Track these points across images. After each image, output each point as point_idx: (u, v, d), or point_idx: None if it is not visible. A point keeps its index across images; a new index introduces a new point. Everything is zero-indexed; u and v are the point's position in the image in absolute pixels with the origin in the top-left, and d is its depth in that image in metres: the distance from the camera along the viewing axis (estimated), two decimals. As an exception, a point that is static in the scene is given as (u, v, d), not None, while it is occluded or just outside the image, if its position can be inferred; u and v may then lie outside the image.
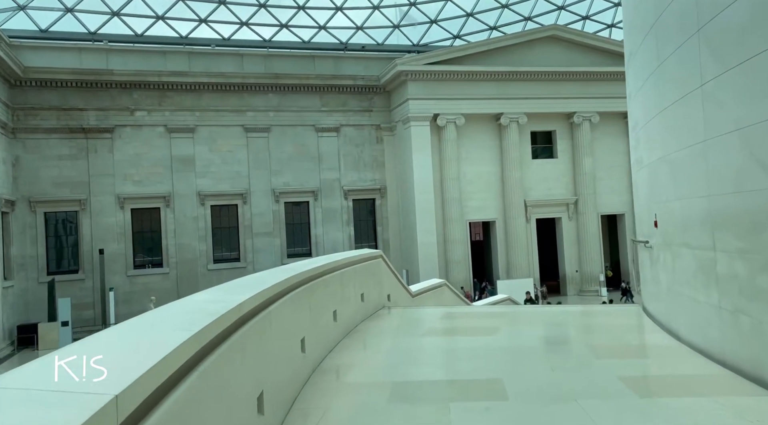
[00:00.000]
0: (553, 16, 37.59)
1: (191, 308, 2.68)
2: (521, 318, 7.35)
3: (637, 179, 7.23)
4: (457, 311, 8.40)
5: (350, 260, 7.42)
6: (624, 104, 27.96)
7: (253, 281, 4.07)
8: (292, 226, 34.30)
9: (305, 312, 5.12)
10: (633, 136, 7.34)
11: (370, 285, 8.56)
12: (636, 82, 6.73)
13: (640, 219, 7.33)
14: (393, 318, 8.05)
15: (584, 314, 7.60)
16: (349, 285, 7.41)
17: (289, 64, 34.49)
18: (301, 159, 34.18)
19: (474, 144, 33.99)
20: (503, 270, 34.13)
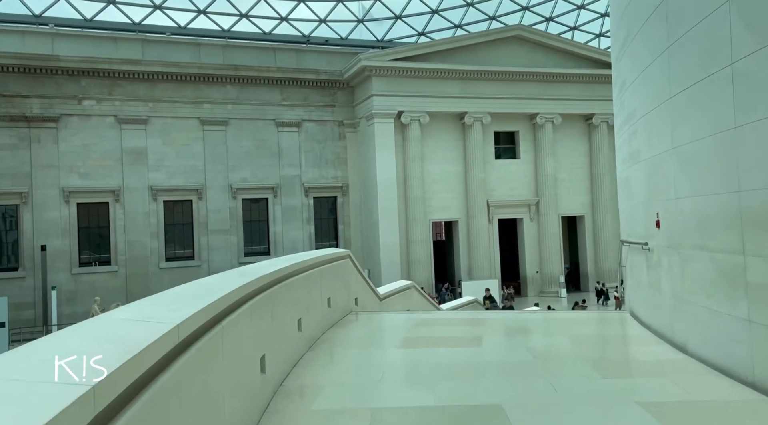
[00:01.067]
0: (518, 16, 37.57)
1: (103, 334, 1.86)
2: (503, 326, 6.71)
3: (630, 175, 6.68)
4: (432, 317, 7.71)
5: (317, 261, 6.62)
6: (586, 106, 27.99)
7: (201, 289, 3.25)
8: (250, 224, 33.10)
9: (266, 324, 4.31)
10: (626, 130, 6.79)
11: (338, 288, 7.78)
12: (633, 70, 6.17)
13: (632, 219, 6.79)
14: (362, 326, 7.30)
15: (571, 322, 7.03)
16: (316, 289, 6.62)
17: (248, 56, 33.25)
18: (260, 154, 33.02)
19: (438, 143, 33.53)
20: (465, 271, 33.80)
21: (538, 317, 7.20)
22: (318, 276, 6.75)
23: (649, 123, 5.68)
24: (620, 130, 7.33)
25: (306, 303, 6.12)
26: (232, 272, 4.63)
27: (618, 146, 7.89)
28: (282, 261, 5.61)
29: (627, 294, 7.64)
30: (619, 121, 7.36)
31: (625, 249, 7.27)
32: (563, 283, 35.11)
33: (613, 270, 36.47)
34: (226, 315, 3.08)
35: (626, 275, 7.63)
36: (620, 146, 7.49)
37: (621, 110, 7.16)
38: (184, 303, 2.53)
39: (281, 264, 5.32)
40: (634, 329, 6.13)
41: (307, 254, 6.75)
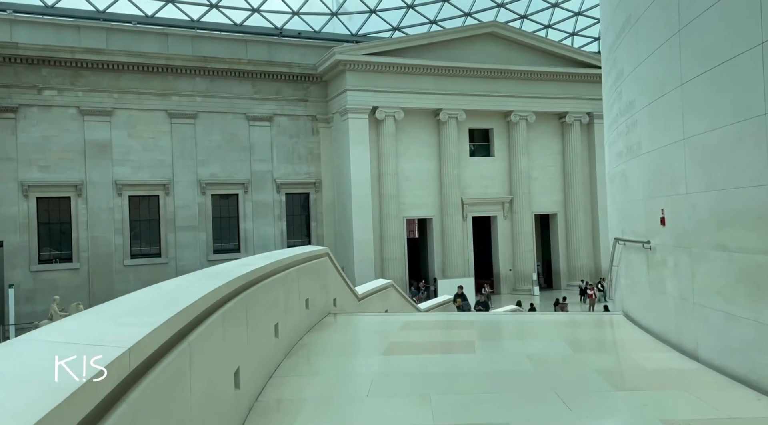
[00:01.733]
0: (492, 13, 37.41)
1: (17, 371, 1.31)
2: (494, 330, 6.31)
3: (627, 170, 6.33)
4: (417, 319, 7.26)
5: (294, 259, 6.11)
6: (559, 104, 27.90)
7: (164, 295, 2.72)
8: (220, 220, 32.20)
9: (241, 333, 3.80)
10: (623, 122, 6.44)
11: (316, 288, 7.27)
12: (634, 57, 5.80)
13: (628, 216, 6.44)
14: (343, 329, 6.81)
15: (565, 324, 6.66)
16: (293, 290, 6.11)
17: (218, 47, 32.31)
18: (230, 149, 32.13)
19: (412, 139, 33.15)
20: (439, 269, 33.53)
21: (528, 319, 6.83)
22: (296, 275, 6.24)
23: (653, 113, 5.32)
24: (614, 123, 6.99)
25: (284, 305, 5.61)
26: (201, 273, 4.09)
27: (610, 141, 7.56)
28: (258, 260, 5.08)
29: (619, 294, 7.32)
30: (614, 113, 7.01)
31: (619, 247, 6.94)
32: (536, 281, 35.16)
33: (585, 267, 36.76)
34: (195, 327, 2.56)
35: (619, 274, 7.31)
36: (614, 140, 7.15)
37: (616, 102, 6.80)
38: (142, 315, 2.01)
39: (257, 264, 4.80)
40: (633, 332, 5.78)
41: (285, 252, 6.23)
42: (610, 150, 7.59)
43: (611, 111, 7.30)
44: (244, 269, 4.32)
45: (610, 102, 7.47)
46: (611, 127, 7.35)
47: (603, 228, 36.88)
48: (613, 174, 7.28)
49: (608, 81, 7.49)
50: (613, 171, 7.34)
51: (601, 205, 36.86)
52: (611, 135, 7.40)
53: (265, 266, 4.86)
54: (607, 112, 7.79)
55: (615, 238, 6.88)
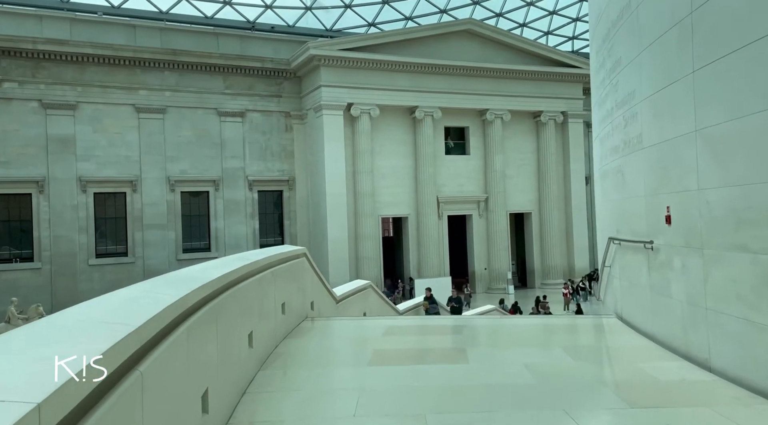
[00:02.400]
0: (468, 10, 37.20)
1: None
2: (484, 335, 5.91)
3: (624, 165, 6.00)
4: (400, 324, 6.82)
5: (270, 260, 5.61)
6: (534, 103, 27.77)
7: (113, 311, 2.21)
8: (190, 218, 31.29)
9: (210, 348, 3.30)
10: (619, 115, 6.10)
11: (293, 291, 6.78)
12: (634, 45, 5.46)
13: (625, 215, 6.11)
14: (322, 335, 6.34)
15: (559, 329, 6.31)
16: (269, 293, 5.61)
17: (188, 40, 31.36)
18: (201, 145, 31.24)
19: (388, 137, 32.72)
20: (414, 268, 33.20)
21: (519, 323, 6.45)
22: (271, 278, 5.74)
23: (657, 104, 4.97)
24: (608, 117, 6.65)
25: (259, 311, 5.11)
26: (163, 279, 3.58)
27: (602, 136, 7.23)
28: (230, 262, 4.58)
29: (611, 296, 7.00)
30: (607, 106, 6.67)
31: (613, 247, 6.60)
32: (511, 280, 35.10)
33: (559, 266, 36.83)
34: (151, 349, 2.07)
35: (611, 275, 6.98)
36: (607, 135, 6.82)
37: (611, 94, 6.46)
38: (75, 342, 1.52)
39: (230, 266, 4.30)
40: (633, 338, 5.44)
41: (259, 253, 5.72)
42: (602, 145, 7.26)
43: (603, 105, 6.96)
44: (214, 273, 3.82)
45: (601, 95, 7.13)
46: (604, 122, 7.02)
47: (577, 227, 37.05)
48: (606, 170, 6.95)
49: (600, 73, 7.15)
50: (606, 167, 7.01)
51: (575, 204, 37.02)
52: (603, 130, 7.06)
53: (238, 269, 4.36)
54: (599, 107, 7.46)
55: (609, 238, 6.55)
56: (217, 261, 4.91)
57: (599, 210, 7.89)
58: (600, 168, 7.51)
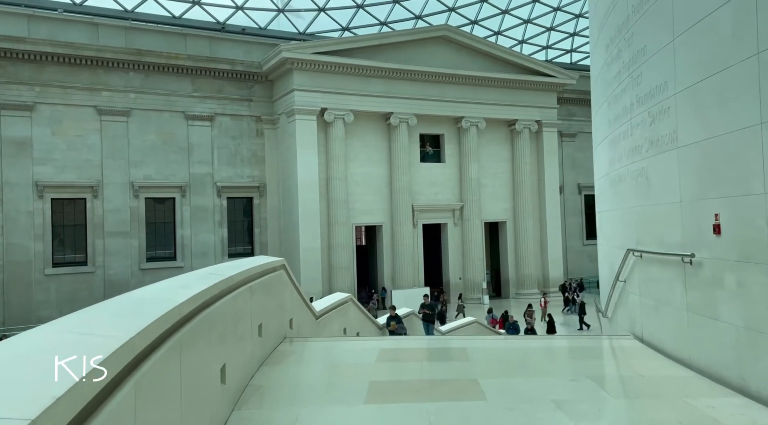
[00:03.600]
0: (444, 17, 36.83)
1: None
2: (494, 361, 5.16)
3: (648, 167, 5.35)
4: (392, 346, 6.01)
5: (247, 275, 4.77)
6: (509, 112, 27.34)
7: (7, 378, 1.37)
8: (154, 226, 29.92)
9: (171, 398, 2.46)
10: (642, 112, 5.45)
11: (271, 309, 5.93)
12: (665, 30, 4.82)
13: (650, 223, 5.45)
14: (305, 361, 5.50)
15: (574, 352, 5.60)
16: (245, 314, 4.76)
17: (155, 41, 30.11)
18: (167, 149, 29.96)
19: (362, 143, 31.97)
20: (388, 278, 32.42)
21: (528, 346, 5.73)
22: (248, 296, 4.89)
23: (701, 94, 4.32)
24: (625, 115, 6.01)
25: (233, 338, 4.26)
26: (114, 305, 2.72)
27: (613, 137, 6.59)
28: (199, 280, 3.73)
29: (627, 314, 6.33)
30: (625, 103, 6.02)
31: (631, 260, 5.94)
32: (485, 290, 34.62)
33: (533, 276, 36.47)
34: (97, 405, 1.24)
35: (626, 291, 6.32)
36: (622, 135, 6.17)
37: (629, 89, 5.82)
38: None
39: (199, 285, 3.45)
40: (667, 366, 4.75)
41: (234, 266, 4.87)
42: (613, 148, 6.62)
43: (617, 102, 6.32)
44: (181, 295, 2.97)
45: (614, 92, 6.49)
46: (617, 121, 6.38)
47: (551, 236, 36.82)
48: (621, 174, 6.30)
49: (612, 68, 6.52)
50: (620, 171, 6.36)
51: (549, 213, 36.80)
52: (616, 130, 6.42)
53: (210, 288, 3.51)
54: (608, 106, 6.83)
55: (628, 250, 5.87)
56: (183, 277, 4.05)
57: (605, 219, 7.25)
58: (609, 173, 6.86)
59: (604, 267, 7.59)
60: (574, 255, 40.56)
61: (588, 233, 41.56)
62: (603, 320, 7.61)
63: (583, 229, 41.32)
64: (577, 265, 40.55)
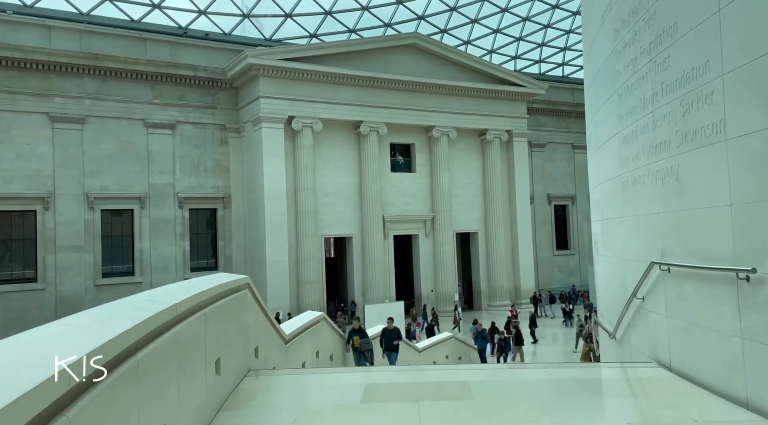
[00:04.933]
0: (413, 25, 36.31)
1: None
2: (504, 401, 4.27)
3: (681, 165, 4.58)
4: (380, 381, 5.05)
5: (201, 299, 3.78)
6: (480, 121, 26.62)
7: None
8: (111, 239, 28.27)
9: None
10: (670, 101, 4.69)
11: (232, 338, 4.91)
12: (703, 2, 4.06)
13: (684, 231, 4.66)
14: (269, 404, 4.51)
15: (597, 386, 4.75)
16: (197, 350, 3.76)
17: (112, 45, 28.64)
18: (125, 158, 28.42)
19: (332, 152, 31.00)
20: (359, 291, 31.39)
21: (539, 379, 4.84)
22: (200, 326, 3.89)
23: (762, 73, 3.53)
24: (645, 107, 5.23)
25: (177, 386, 3.24)
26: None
27: (627, 133, 5.82)
28: (131, 311, 2.74)
29: (649, 337, 5.51)
30: (644, 93, 5.25)
31: (654, 275, 5.13)
32: (458, 302, 33.88)
33: (505, 287, 35.85)
34: None
35: (644, 309, 5.51)
36: (640, 130, 5.40)
37: (652, 75, 5.05)
38: None
39: (123, 323, 2.45)
40: (718, 406, 3.92)
41: (183, 290, 3.85)
42: (624, 146, 5.85)
43: (632, 94, 5.56)
44: (101, 336, 1.97)
45: (625, 83, 5.73)
46: (631, 116, 5.61)
47: (522, 246, 36.37)
48: (636, 176, 5.52)
49: (624, 56, 5.76)
50: (634, 172, 5.58)
51: (521, 223, 36.35)
52: (630, 126, 5.66)
53: (142, 324, 2.52)
54: (618, 100, 6.08)
55: (652, 262, 5.06)
56: (110, 308, 3.02)
57: (613, 228, 6.47)
58: (619, 175, 6.08)
59: (611, 282, 6.80)
60: (545, 266, 40.24)
61: (558, 244, 41.34)
62: (609, 341, 6.80)
63: (553, 240, 41.09)
64: (548, 276, 40.24)
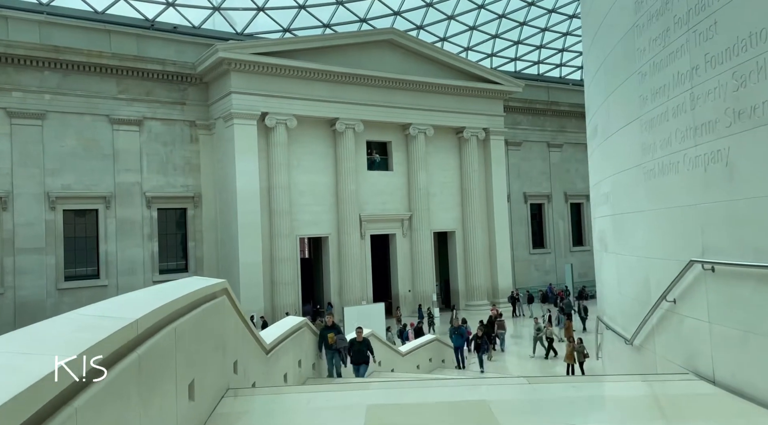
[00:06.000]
0: (389, 21, 35.64)
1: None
2: (538, 421, 3.60)
3: (731, 147, 3.98)
4: (386, 401, 4.32)
5: (171, 312, 3.02)
6: (457, 119, 25.95)
7: None
8: (74, 241, 26.91)
9: None
10: (718, 73, 4.09)
11: (207, 355, 4.15)
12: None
13: (741, 224, 4.07)
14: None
15: (639, 403, 4.12)
16: (164, 375, 2.99)
17: (74, 37, 27.27)
18: (89, 156, 27.08)
19: (307, 150, 30.12)
20: (335, 292, 30.58)
21: (567, 395, 4.21)
22: (170, 343, 3.12)
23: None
24: (682, 83, 4.64)
25: (138, 418, 2.48)
26: None
27: (652, 116, 5.22)
28: (75, 332, 1.98)
29: (673, 344, 4.92)
30: (680, 67, 4.66)
31: (691, 275, 4.53)
32: (436, 302, 33.35)
33: (483, 286, 35.41)
34: None
35: (675, 312, 4.91)
36: (672, 111, 4.81)
37: (691, 46, 4.46)
38: None
39: (54, 360, 1.69)
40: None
41: (147, 299, 3.07)
42: (648, 131, 5.26)
43: (662, 71, 4.96)
44: None
45: (651, 60, 5.12)
46: (659, 96, 5.03)
47: (500, 245, 36.01)
48: (665, 163, 4.93)
49: (649, 29, 5.17)
50: (662, 159, 4.98)
51: (498, 222, 35.98)
52: (657, 108, 5.04)
53: (83, 354, 1.76)
54: (639, 80, 5.48)
55: (692, 260, 4.45)
56: (39, 331, 2.23)
57: (631, 223, 5.87)
58: (641, 163, 5.49)
59: (626, 283, 6.22)
60: (521, 265, 40.01)
61: (534, 242, 41.15)
62: (622, 348, 6.21)
63: (530, 238, 40.90)
64: (524, 275, 40.01)
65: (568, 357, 19.22)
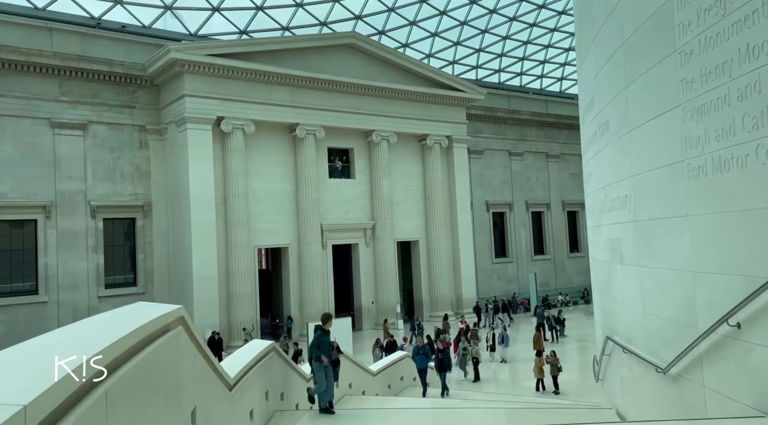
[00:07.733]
0: (350, 25, 34.75)
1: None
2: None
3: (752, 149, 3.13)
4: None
5: (94, 373, 1.88)
6: (420, 126, 25.00)
7: None
8: (10, 254, 24.78)
9: None
10: None
11: (155, 414, 3.00)
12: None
13: None
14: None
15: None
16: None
17: (11, 35, 25.22)
18: (27, 162, 25.03)
19: (266, 157, 28.78)
20: (295, 305, 29.22)
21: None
22: (98, 414, 2.00)
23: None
24: (759, 55, 3.80)
25: None
26: None
27: (697, 104, 4.40)
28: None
29: (736, 377, 4.07)
30: (753, 38, 3.83)
31: (766, 295, 3.68)
32: (400, 314, 32.40)
33: (447, 297, 34.60)
34: None
35: (742, 341, 4.06)
36: (740, 91, 3.98)
37: (717, 12, 3.63)
38: None
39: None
40: None
41: (64, 348, 1.95)
42: (691, 121, 4.42)
43: (716, 46, 4.14)
44: None
45: (702, 34, 4.30)
46: (710, 79, 4.18)
47: (464, 255, 35.40)
48: (724, 158, 4.09)
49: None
50: (719, 153, 4.14)
51: (462, 231, 35.35)
52: (714, 90, 4.24)
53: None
54: (685, 58, 4.66)
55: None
56: None
57: (668, 230, 5.04)
58: (684, 159, 4.68)
59: (658, 302, 5.37)
60: (484, 275, 39.50)
61: (497, 251, 40.75)
62: (651, 377, 5.34)
63: (492, 247, 40.49)
64: (487, 285, 39.50)
65: (539, 371, 18.45)
